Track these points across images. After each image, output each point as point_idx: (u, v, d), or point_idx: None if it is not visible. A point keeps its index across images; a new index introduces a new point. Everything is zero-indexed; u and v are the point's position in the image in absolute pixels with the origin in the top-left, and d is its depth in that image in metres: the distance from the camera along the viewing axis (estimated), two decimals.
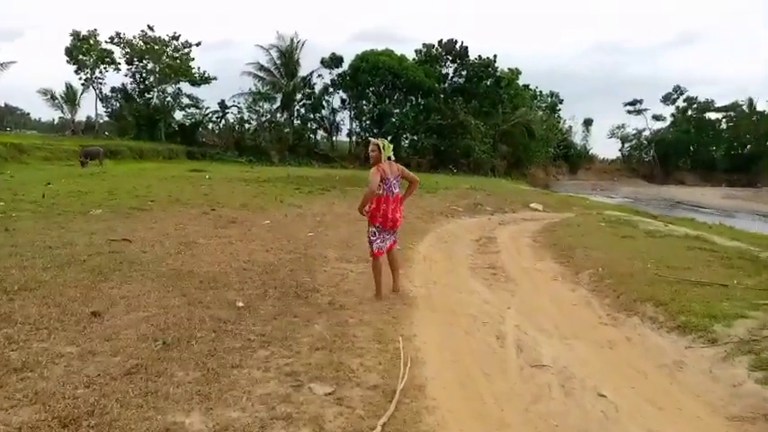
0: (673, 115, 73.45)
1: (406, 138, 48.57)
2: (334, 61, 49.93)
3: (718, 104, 71.75)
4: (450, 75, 52.26)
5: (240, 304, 5.79)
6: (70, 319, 4.93)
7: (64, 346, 4.40)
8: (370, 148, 6.72)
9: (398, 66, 47.86)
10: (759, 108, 69.96)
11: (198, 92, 50.17)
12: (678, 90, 73.03)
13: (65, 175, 19.93)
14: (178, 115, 51.15)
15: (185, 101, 50.16)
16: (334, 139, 53.82)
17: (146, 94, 49.58)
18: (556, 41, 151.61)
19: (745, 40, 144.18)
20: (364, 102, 50.33)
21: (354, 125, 51.79)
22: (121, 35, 47.36)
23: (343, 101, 51.19)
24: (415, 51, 52.84)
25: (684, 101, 72.63)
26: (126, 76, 48.74)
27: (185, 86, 49.64)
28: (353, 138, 52.07)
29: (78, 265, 6.83)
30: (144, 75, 48.66)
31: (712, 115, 72.55)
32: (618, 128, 77.00)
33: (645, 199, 41.97)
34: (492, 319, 6.23)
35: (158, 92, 49.27)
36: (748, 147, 71.49)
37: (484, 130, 47.57)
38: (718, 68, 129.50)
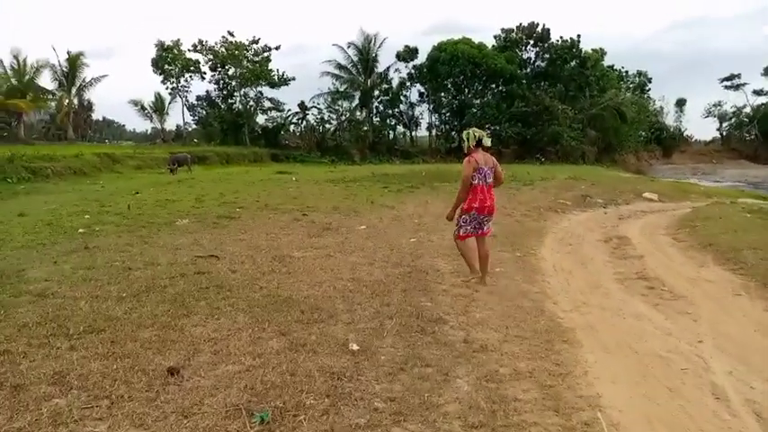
0: None
1: (489, 128, 46.21)
2: (408, 53, 48.30)
3: None
4: (533, 59, 49.49)
5: (355, 347, 4.38)
6: (140, 380, 3.67)
7: (127, 428, 3.13)
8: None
9: (478, 54, 45.67)
10: None
11: (278, 95, 50.18)
12: None
13: (153, 184, 19.53)
14: (260, 119, 51.35)
15: (267, 104, 50.16)
16: (413, 133, 52.32)
17: (229, 100, 49.97)
18: (634, 19, 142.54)
19: None
20: (443, 94, 48.41)
21: (434, 118, 50.09)
22: (204, 42, 47.89)
23: (421, 94, 49.53)
24: (494, 38, 50.45)
25: None
26: (210, 82, 49.32)
27: (266, 90, 49.67)
28: (433, 131, 50.35)
29: (158, 292, 5.67)
30: (226, 80, 49.00)
31: None
32: (714, 106, 70.73)
33: (759, 182, 37.75)
34: (689, 361, 4.50)
35: (241, 96, 49.55)
36: None
37: (571, 114, 44.56)
38: None
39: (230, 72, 48.62)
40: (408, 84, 48.85)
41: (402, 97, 49.45)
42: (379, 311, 5.30)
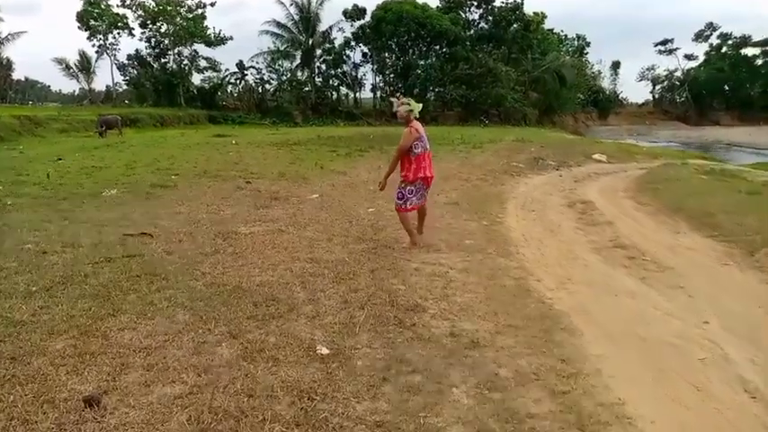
0: (706, 53, 68.73)
1: (433, 90, 45.42)
2: (357, 12, 46.52)
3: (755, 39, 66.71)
4: (476, 21, 48.68)
5: (324, 351, 3.56)
6: (46, 417, 2.75)
7: None
8: (397, 107, 6.36)
9: (422, 14, 44.40)
10: None
11: (215, 54, 47.54)
12: (711, 27, 67.98)
13: (80, 149, 17.78)
14: (196, 80, 48.69)
15: (203, 63, 47.55)
16: (357, 95, 50.88)
17: (161, 59, 46.95)
18: None
19: None
20: (387, 54, 47.13)
21: (378, 80, 48.75)
22: None
23: (364, 54, 48.01)
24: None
25: (718, 37, 67.77)
26: (140, 40, 46.06)
27: (201, 49, 46.94)
28: (378, 93, 49.07)
29: (78, 284, 4.65)
30: (158, 38, 45.88)
31: (749, 51, 67.69)
32: (648, 69, 72.51)
33: (692, 143, 38.82)
34: (704, 349, 3.94)
35: (174, 55, 46.64)
36: None
37: (515, 77, 44.27)
38: (747, 4, 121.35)
39: (162, 29, 45.52)
40: (353, 43, 47.16)
41: (345, 57, 47.82)
42: (347, 300, 4.49)
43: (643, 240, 7.13)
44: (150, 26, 45.30)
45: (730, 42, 67.16)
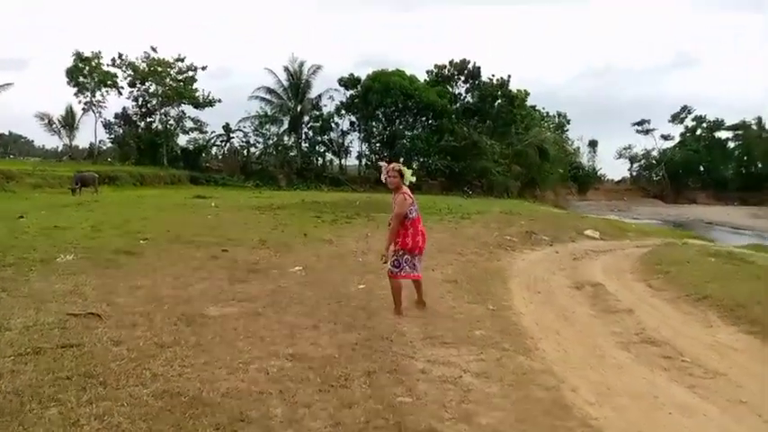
0: (682, 135, 70.53)
1: (418, 160, 45.28)
2: (352, 81, 46.87)
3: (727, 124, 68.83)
4: (463, 95, 49.35)
5: None
6: None
7: None
8: (386, 173, 6.17)
9: (410, 86, 44.88)
10: None
11: (202, 117, 47.12)
12: (686, 109, 70.27)
13: (48, 206, 16.64)
14: (182, 141, 48.07)
15: (189, 124, 47.02)
16: (343, 162, 50.59)
17: (147, 118, 46.48)
18: (550, 66, 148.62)
19: (743, 63, 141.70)
20: (374, 123, 47.24)
21: (364, 147, 48.62)
22: (124, 57, 44.42)
23: (352, 123, 48.06)
24: (427, 72, 50.05)
25: (693, 120, 69.84)
26: (128, 99, 45.60)
27: (189, 110, 46.58)
28: (363, 161, 48.86)
29: None
30: (146, 98, 45.52)
31: (722, 134, 69.71)
32: (625, 148, 74.19)
33: (673, 220, 38.74)
34: None
35: (161, 115, 46.18)
36: (759, 165, 68.44)
37: (499, 150, 44.43)
38: (716, 90, 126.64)
39: (151, 89, 45.26)
40: (343, 112, 47.22)
41: (333, 125, 47.78)
42: (340, 422, 3.39)
43: (674, 335, 6.15)
44: (139, 86, 45.05)
45: (704, 125, 69.16)
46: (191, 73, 45.69)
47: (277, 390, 3.78)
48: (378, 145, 47.67)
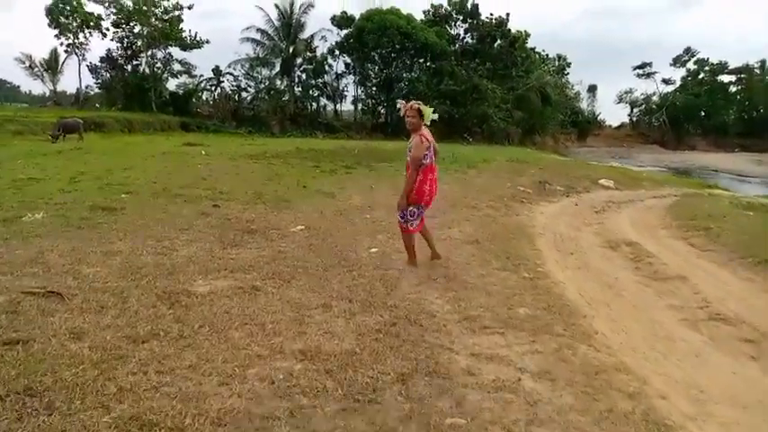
0: (683, 78, 68.56)
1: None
2: (345, 20, 44.54)
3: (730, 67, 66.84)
4: (462, 35, 47.24)
5: None
6: None
7: None
8: (404, 113, 5.65)
9: (407, 25, 42.63)
10: None
11: (191, 59, 44.98)
12: (689, 52, 67.83)
13: (26, 154, 15.40)
14: (171, 85, 45.99)
15: (177, 67, 44.85)
16: (338, 107, 48.79)
17: (134, 61, 44.27)
18: (549, 7, 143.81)
19: (747, 4, 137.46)
20: (370, 66, 45.20)
21: (360, 92, 46.70)
22: None
23: (347, 65, 45.98)
24: (423, 12, 47.69)
25: (695, 63, 67.65)
26: (112, 40, 43.26)
27: (176, 52, 44.33)
28: (359, 105, 47.11)
29: None
30: (131, 39, 43.19)
31: (724, 78, 67.80)
32: (626, 93, 72.09)
33: (678, 167, 37.75)
34: None
35: (147, 57, 43.97)
36: (761, 110, 66.97)
37: (500, 94, 42.80)
38: (720, 33, 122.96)
39: (136, 30, 42.88)
40: (337, 53, 45.11)
41: (327, 67, 45.76)
42: None
43: (747, 310, 5.22)
44: (124, 26, 42.65)
45: (707, 68, 67.05)
46: (177, 12, 43.29)
47: (286, 410, 2.81)
48: (374, 89, 45.79)
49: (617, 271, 6.67)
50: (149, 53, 43.81)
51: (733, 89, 69.15)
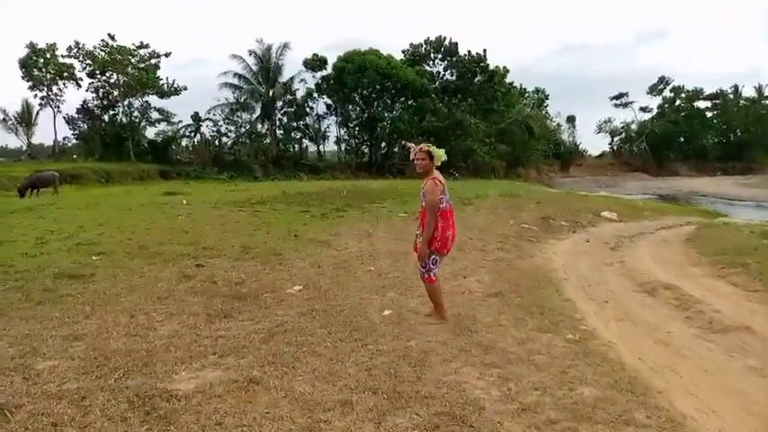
0: (660, 106, 69.47)
1: (401, 142, 43.11)
2: (317, 62, 44.40)
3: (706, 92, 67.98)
4: (441, 73, 47.28)
5: None
6: None
7: None
8: (414, 155, 5.33)
9: (386, 65, 42.56)
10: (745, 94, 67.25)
11: (169, 106, 44.41)
12: (663, 80, 68.98)
13: None
14: (149, 133, 45.21)
15: (155, 115, 44.15)
16: (321, 148, 48.24)
17: (110, 111, 43.46)
18: (523, 43, 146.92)
19: (709, 36, 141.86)
20: (351, 106, 44.89)
21: (342, 132, 46.28)
22: (81, 46, 41.17)
23: (328, 106, 45.66)
24: (402, 52, 47.79)
25: (671, 91, 68.67)
26: (87, 90, 42.52)
27: (154, 100, 43.70)
28: (342, 146, 46.64)
29: None
30: (107, 89, 42.49)
31: (700, 104, 68.90)
32: (605, 122, 72.84)
33: (666, 194, 37.48)
34: None
35: (124, 107, 43.23)
36: (738, 134, 67.97)
37: (483, 129, 42.62)
38: (687, 63, 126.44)
39: (112, 80, 42.23)
40: (315, 95, 44.81)
41: (308, 109, 45.35)
42: None
43: None
44: (99, 76, 41.98)
45: (683, 95, 68.15)
46: (153, 60, 42.82)
47: None
48: (356, 129, 45.40)
49: (666, 322, 5.82)
50: (126, 102, 43.16)
51: (709, 114, 70.13)
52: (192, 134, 45.91)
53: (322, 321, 5.17)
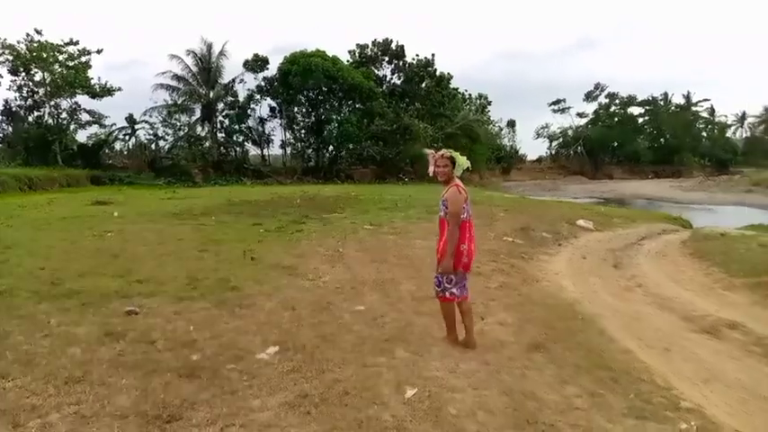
0: (595, 112, 70.67)
1: (348, 146, 41.25)
2: (258, 63, 41.90)
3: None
4: (389, 77, 45.75)
5: None
6: None
7: None
8: (436, 162, 4.84)
9: (333, 67, 40.58)
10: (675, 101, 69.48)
11: (102, 108, 40.75)
12: (599, 87, 70.21)
13: None
14: (80, 137, 41.34)
15: (85, 117, 40.33)
16: (264, 152, 45.64)
17: (35, 112, 39.40)
18: (461, 51, 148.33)
19: (640, 45, 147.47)
20: (296, 109, 42.61)
21: (288, 135, 43.88)
22: (2, 41, 36.95)
23: (272, 109, 43.18)
24: (349, 53, 45.92)
25: (606, 97, 70.06)
26: (9, 90, 38.36)
27: (85, 101, 39.93)
28: (288, 149, 44.22)
29: None
30: (32, 88, 38.47)
31: (634, 110, 70.55)
32: (543, 128, 73.44)
33: (611, 198, 37.35)
34: None
35: (51, 108, 39.26)
36: (668, 138, 70.02)
37: (432, 134, 41.39)
38: (619, 72, 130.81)
39: (36, 78, 38.27)
40: (258, 97, 42.27)
41: (250, 111, 42.74)
42: None
43: None
44: (22, 74, 37.92)
45: (617, 102, 69.60)
46: (84, 58, 39.09)
47: None
48: (303, 132, 43.15)
49: (761, 379, 4.31)
50: (53, 103, 39.18)
51: (641, 120, 71.95)
52: (127, 138, 42.50)
53: (323, 423, 3.32)
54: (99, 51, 39.52)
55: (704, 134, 75.63)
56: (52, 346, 4.46)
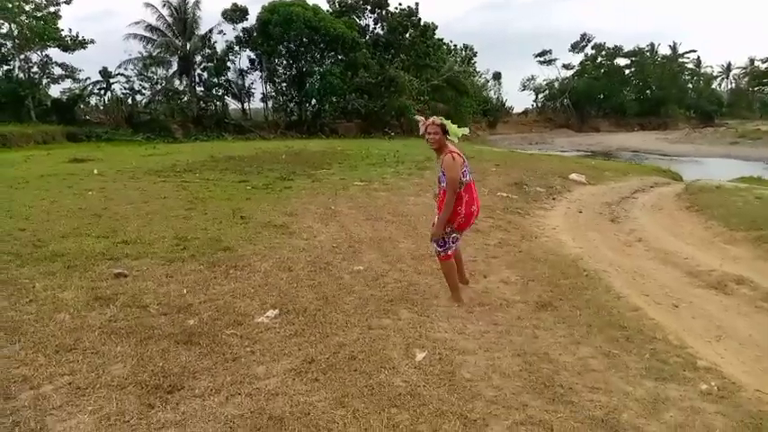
0: (582, 63, 69.87)
1: (331, 99, 40.35)
2: (237, 13, 40.44)
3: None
4: (372, 27, 44.49)
5: None
6: None
7: None
8: (426, 130, 4.72)
9: (314, 17, 39.26)
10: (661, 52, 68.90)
11: (74, 62, 39.29)
12: (585, 38, 69.22)
13: None
14: (53, 92, 39.93)
15: (58, 71, 38.90)
16: (246, 105, 44.57)
17: (4, 66, 37.86)
18: (442, 1, 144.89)
19: None
20: (277, 60, 41.40)
21: (269, 88, 42.78)
22: None
23: (252, 61, 41.90)
24: (328, 1, 44.42)
25: (593, 48, 69.12)
26: None
27: (56, 54, 38.39)
28: (269, 103, 43.21)
29: None
30: None
31: (620, 61, 69.81)
32: (529, 80, 72.53)
33: (597, 150, 37.33)
34: None
35: (21, 61, 37.71)
36: (654, 90, 69.71)
37: (417, 86, 40.64)
38: (605, 22, 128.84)
39: (3, 30, 36.59)
40: (237, 49, 40.96)
41: (230, 64, 41.48)
42: None
43: None
44: None
45: (603, 53, 68.75)
46: (53, 8, 37.38)
47: None
48: (284, 85, 42.07)
49: None
50: (23, 56, 37.62)
51: (627, 72, 71.36)
52: (102, 92, 41.16)
53: (333, 390, 3.18)
54: (68, 1, 37.76)
55: (690, 86, 75.41)
56: (39, 313, 4.23)
